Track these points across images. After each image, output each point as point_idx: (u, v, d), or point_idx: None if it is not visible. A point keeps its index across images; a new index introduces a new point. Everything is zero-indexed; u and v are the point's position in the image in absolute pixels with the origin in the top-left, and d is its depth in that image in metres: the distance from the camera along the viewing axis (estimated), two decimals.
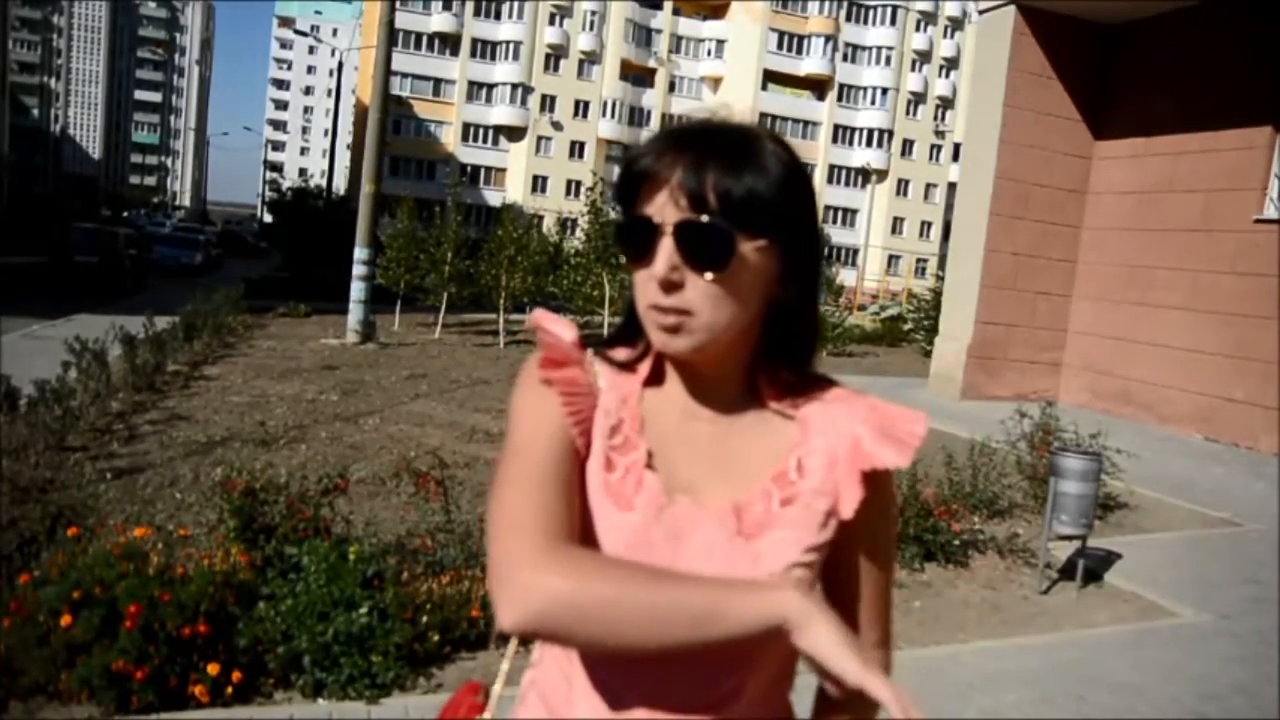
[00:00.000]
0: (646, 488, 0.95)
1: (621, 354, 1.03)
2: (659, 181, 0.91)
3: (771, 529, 0.94)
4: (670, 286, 0.90)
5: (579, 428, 0.97)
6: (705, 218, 0.89)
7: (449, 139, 59.31)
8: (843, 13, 62.01)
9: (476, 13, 58.86)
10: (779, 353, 0.99)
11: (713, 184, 0.89)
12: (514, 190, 57.22)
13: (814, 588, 0.98)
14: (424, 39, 58.43)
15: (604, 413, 0.99)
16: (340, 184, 60.63)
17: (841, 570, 1.02)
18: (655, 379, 1.02)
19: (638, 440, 0.98)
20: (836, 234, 61.78)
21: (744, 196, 0.89)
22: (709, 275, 0.90)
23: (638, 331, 1.00)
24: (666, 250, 0.90)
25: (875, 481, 0.97)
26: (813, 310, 1.01)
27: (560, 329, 1.00)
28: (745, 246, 0.90)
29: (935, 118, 64.14)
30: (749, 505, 0.96)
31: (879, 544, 1.03)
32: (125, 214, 62.59)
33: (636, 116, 60.84)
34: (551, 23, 59.01)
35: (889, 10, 62.24)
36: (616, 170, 1.08)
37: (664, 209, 0.91)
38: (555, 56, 59.53)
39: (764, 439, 0.99)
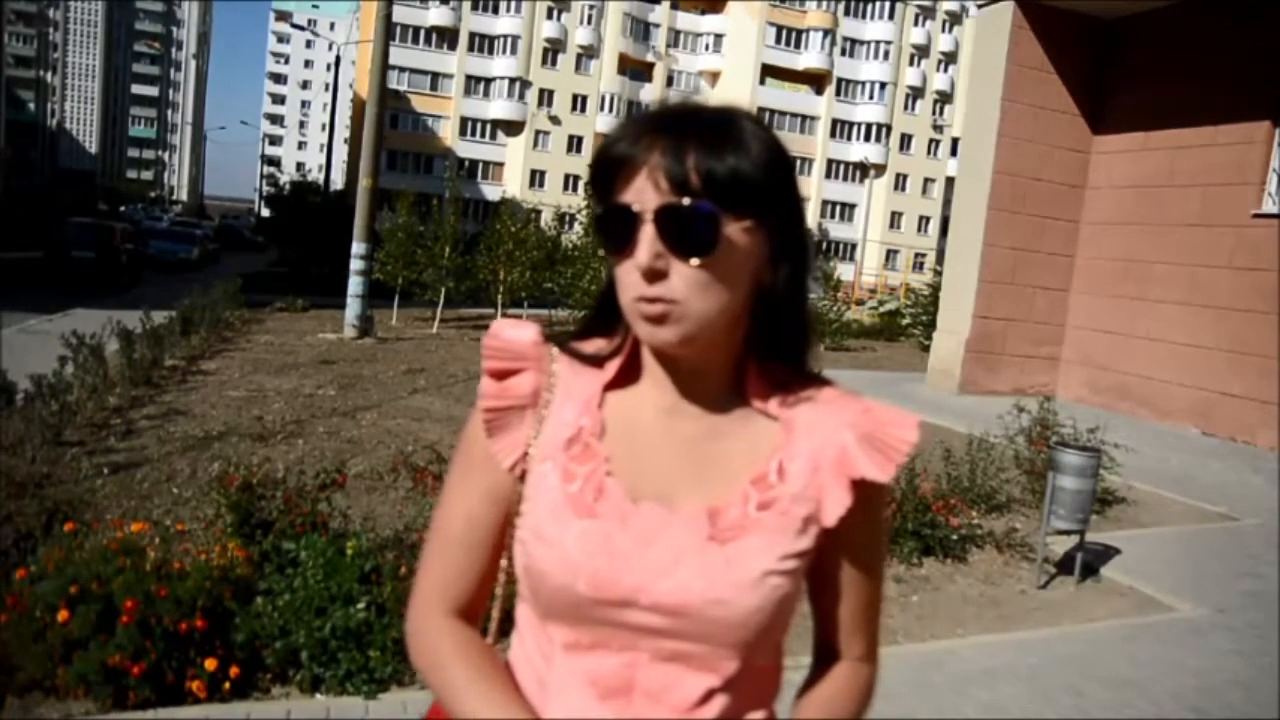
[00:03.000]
0: (608, 494, 0.91)
1: (594, 347, 0.98)
2: (636, 166, 0.87)
3: (747, 534, 0.90)
4: (654, 275, 0.86)
5: (508, 446, 0.96)
6: (688, 200, 0.85)
7: (446, 133, 59.20)
8: (841, 7, 61.89)
9: (474, 7, 58.69)
10: (769, 346, 0.94)
11: (694, 164, 0.84)
12: (512, 185, 57.16)
13: (796, 598, 0.93)
14: (421, 33, 58.28)
15: (560, 424, 0.95)
16: (338, 178, 60.71)
17: (826, 579, 0.98)
18: (630, 375, 0.97)
19: (597, 447, 0.94)
20: (835, 229, 61.79)
21: (728, 175, 0.85)
22: (695, 261, 0.85)
23: (613, 322, 0.96)
24: (648, 237, 0.85)
25: (864, 489, 0.93)
26: (802, 299, 0.95)
27: (514, 332, 0.97)
28: (731, 228, 0.86)
29: (933, 112, 64.08)
30: (725, 509, 0.91)
31: (866, 554, 0.98)
32: (122, 208, 62.42)
33: (634, 111, 59.48)
34: (549, 17, 58.88)
35: (887, 5, 62.12)
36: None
37: (643, 194, 0.86)
38: (553, 51, 59.41)
39: (746, 439, 0.94)
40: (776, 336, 0.94)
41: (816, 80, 62.04)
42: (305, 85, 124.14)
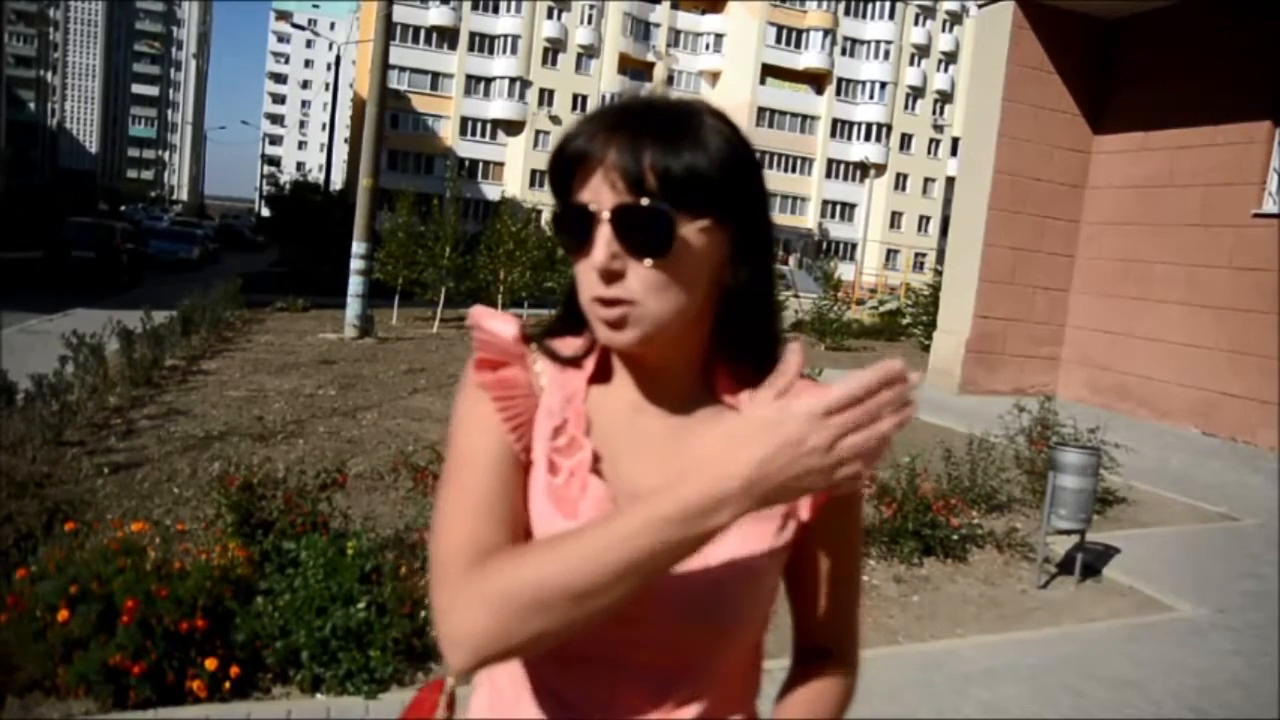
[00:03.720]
0: (591, 492, 0.90)
1: (568, 346, 0.97)
2: (592, 164, 0.86)
3: (723, 533, 0.86)
4: (610, 276, 0.85)
5: (517, 434, 0.92)
6: (644, 200, 0.83)
7: (447, 133, 59.23)
8: (841, 7, 61.93)
9: (474, 7, 58.74)
10: (735, 343, 0.93)
11: (650, 163, 0.83)
12: (512, 185, 57.18)
13: (774, 596, 0.92)
14: (421, 33, 58.31)
15: (547, 413, 0.94)
16: (338, 178, 60.67)
17: (803, 576, 0.97)
18: (603, 374, 0.96)
19: (583, 441, 0.92)
20: (835, 228, 61.82)
21: (683, 174, 0.83)
22: (648, 262, 0.84)
23: (581, 321, 0.94)
24: (604, 238, 0.84)
25: None
26: (768, 295, 0.93)
27: (498, 325, 0.96)
28: (687, 229, 0.85)
29: (934, 112, 64.10)
30: None
31: (843, 549, 0.97)
32: (122, 208, 62.44)
33: None
34: (550, 17, 58.92)
35: (887, 4, 62.15)
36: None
37: (599, 194, 0.85)
38: (553, 50, 59.44)
39: None
40: (742, 336, 0.93)
41: (817, 80, 62.05)
42: (305, 85, 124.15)
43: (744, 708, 0.95)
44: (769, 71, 60.77)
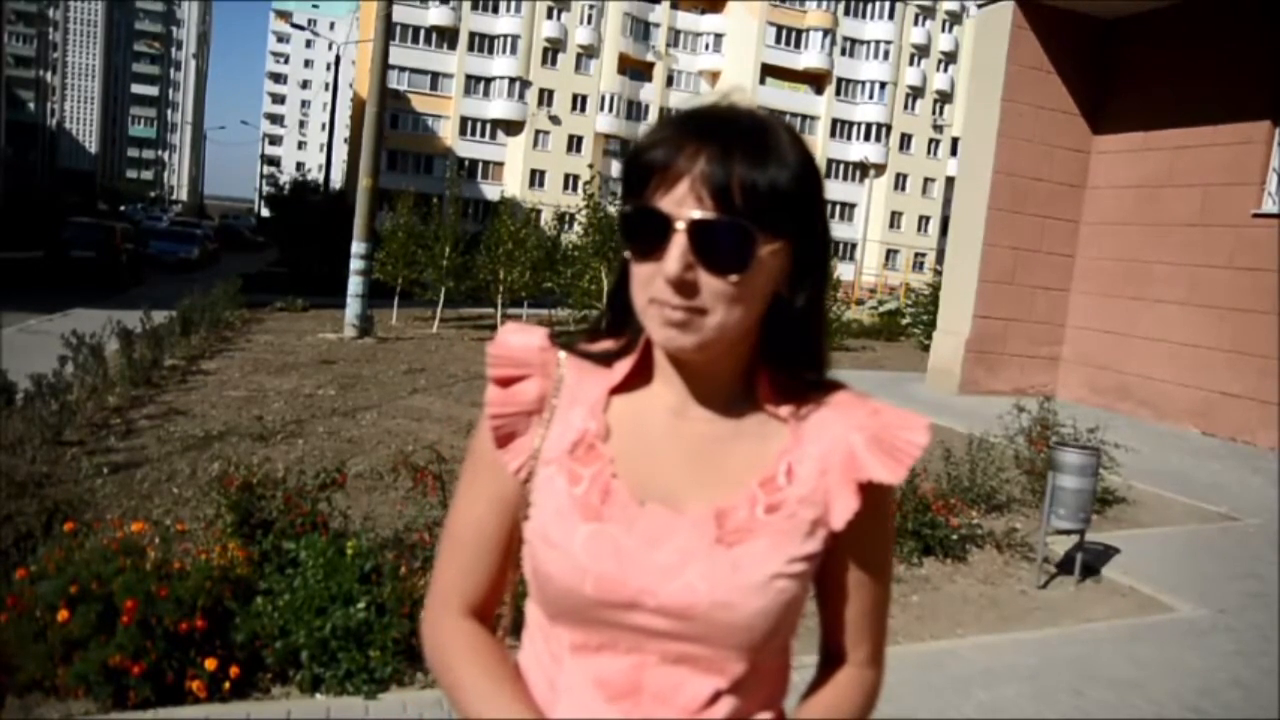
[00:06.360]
0: (614, 496, 0.92)
1: (603, 347, 0.99)
2: (676, 172, 0.86)
3: (754, 537, 0.90)
4: (683, 285, 0.85)
5: (512, 454, 0.97)
6: (728, 217, 0.84)
7: (446, 133, 59.20)
8: (841, 7, 61.91)
9: (474, 6, 58.71)
10: (782, 353, 0.94)
11: (739, 179, 0.84)
12: (512, 185, 57.14)
13: (803, 601, 0.93)
14: (421, 33, 58.29)
15: (566, 428, 0.96)
16: (338, 178, 60.63)
17: (833, 582, 0.98)
18: (640, 376, 0.97)
19: (603, 449, 0.94)
20: (834, 228, 61.06)
21: (768, 193, 0.84)
22: (733, 277, 0.85)
23: (624, 322, 0.96)
24: (680, 247, 0.84)
25: (871, 492, 0.92)
26: (821, 317, 0.95)
27: (517, 339, 0.98)
28: (764, 248, 0.86)
29: (933, 112, 64.09)
30: (732, 511, 0.91)
31: (872, 557, 0.97)
32: (122, 208, 62.37)
33: (634, 111, 60.75)
34: (549, 17, 58.88)
35: (887, 5, 62.13)
36: (615, 165, 1.05)
37: (682, 203, 0.85)
38: (553, 50, 59.41)
39: (755, 442, 0.94)
40: (791, 350, 0.94)
41: (816, 80, 62.04)
42: (305, 85, 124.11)
43: (772, 707, 0.96)
44: (769, 71, 60.74)
